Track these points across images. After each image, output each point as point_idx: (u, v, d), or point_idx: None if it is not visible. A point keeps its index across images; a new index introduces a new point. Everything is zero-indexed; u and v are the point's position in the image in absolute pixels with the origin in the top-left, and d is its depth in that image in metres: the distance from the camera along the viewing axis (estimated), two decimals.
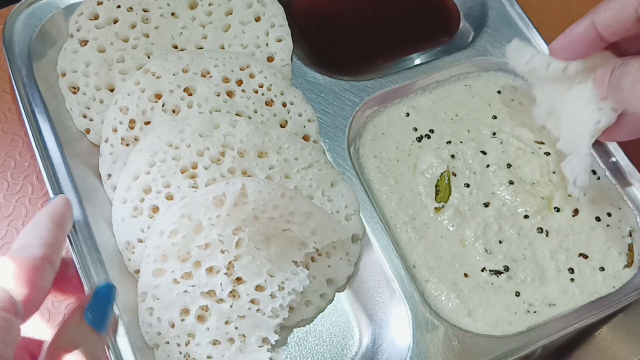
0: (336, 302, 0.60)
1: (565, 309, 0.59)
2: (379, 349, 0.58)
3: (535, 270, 0.60)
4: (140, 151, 0.60)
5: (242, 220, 0.55)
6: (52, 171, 0.60)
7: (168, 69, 0.64)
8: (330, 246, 0.60)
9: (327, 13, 0.77)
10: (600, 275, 0.60)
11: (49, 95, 0.65)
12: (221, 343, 0.54)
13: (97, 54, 0.66)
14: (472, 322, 0.57)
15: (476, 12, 0.77)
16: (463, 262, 0.60)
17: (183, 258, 0.55)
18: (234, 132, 0.61)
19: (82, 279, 0.54)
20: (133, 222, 0.58)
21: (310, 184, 0.61)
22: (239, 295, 0.55)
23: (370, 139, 0.67)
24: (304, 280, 0.57)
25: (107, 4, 0.69)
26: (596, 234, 0.62)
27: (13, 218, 0.64)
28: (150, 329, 0.54)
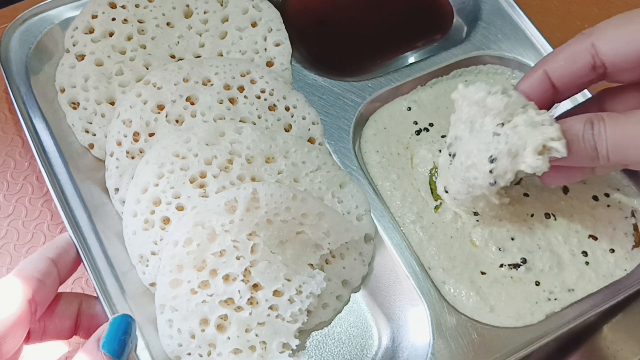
0: (353, 303, 0.60)
1: (583, 294, 0.59)
2: (399, 348, 0.58)
3: (552, 257, 0.60)
4: (147, 163, 0.59)
5: (256, 224, 0.55)
6: (60, 189, 0.60)
7: (169, 79, 0.64)
8: (344, 247, 0.60)
9: (322, 15, 0.77)
10: (612, 257, 0.61)
11: (50, 112, 0.65)
12: (242, 351, 0.54)
13: (95, 67, 0.66)
14: (495, 317, 0.57)
15: (469, 6, 0.77)
16: (478, 262, 0.61)
17: (199, 267, 0.54)
18: (240, 139, 0.61)
19: (99, 297, 0.54)
20: (145, 235, 0.58)
21: (320, 187, 0.61)
22: (257, 302, 0.55)
23: (372, 134, 0.68)
24: (320, 283, 0.57)
25: (101, 17, 0.68)
26: (598, 213, 0.63)
27: (13, 218, 0.63)
28: (171, 341, 0.54)
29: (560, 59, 0.52)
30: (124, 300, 0.56)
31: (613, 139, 0.47)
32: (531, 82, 0.53)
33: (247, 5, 0.71)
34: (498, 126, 0.51)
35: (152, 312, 0.56)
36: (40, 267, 0.50)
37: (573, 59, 0.51)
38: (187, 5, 0.71)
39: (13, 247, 0.62)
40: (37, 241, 0.62)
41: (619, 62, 0.50)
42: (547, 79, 0.52)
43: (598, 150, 0.48)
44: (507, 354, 0.56)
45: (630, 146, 0.47)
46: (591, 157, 0.49)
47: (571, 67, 0.51)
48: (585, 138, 0.48)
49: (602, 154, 0.48)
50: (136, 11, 0.69)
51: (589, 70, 0.51)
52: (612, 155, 0.48)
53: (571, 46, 0.52)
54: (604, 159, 0.48)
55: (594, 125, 0.48)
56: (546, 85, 0.53)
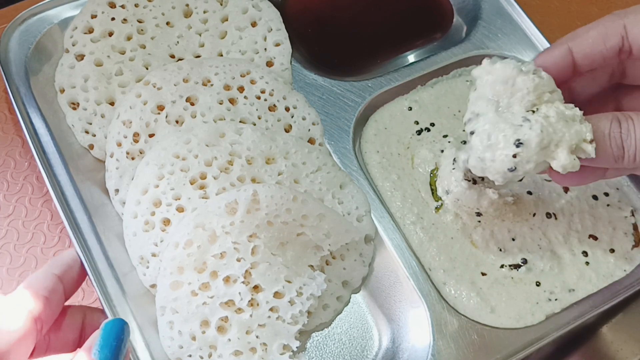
0: (353, 304, 0.60)
1: (583, 294, 0.59)
2: (399, 349, 0.58)
3: (552, 257, 0.61)
4: (147, 164, 0.59)
5: (256, 226, 0.55)
6: (60, 190, 0.60)
7: (168, 79, 0.64)
8: (344, 248, 0.60)
9: (321, 15, 0.77)
10: (612, 257, 0.61)
11: (49, 112, 0.64)
12: (243, 353, 0.54)
13: (95, 68, 0.66)
14: (496, 317, 0.58)
15: (469, 5, 0.77)
16: (479, 262, 0.61)
17: (199, 269, 0.54)
18: (240, 139, 0.60)
19: (100, 298, 0.54)
20: (145, 237, 0.58)
21: (320, 188, 0.61)
22: (258, 304, 0.55)
23: (372, 135, 0.68)
24: (321, 285, 0.57)
25: (101, 17, 0.68)
26: (598, 213, 0.63)
27: (13, 218, 0.63)
28: (172, 343, 0.54)
29: (589, 37, 0.49)
30: (125, 301, 0.56)
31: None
32: (554, 57, 0.51)
33: (247, 5, 0.71)
34: (529, 112, 0.49)
35: (153, 313, 0.56)
36: (46, 284, 0.49)
37: (603, 39, 0.49)
38: (186, 4, 0.70)
39: (13, 247, 0.62)
40: (37, 241, 0.62)
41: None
42: (570, 56, 0.50)
43: (625, 149, 0.47)
44: (507, 354, 0.56)
45: None
46: (616, 157, 0.47)
47: (599, 46, 0.49)
48: (613, 137, 0.47)
49: (629, 154, 0.47)
50: (135, 11, 0.69)
51: (615, 53, 0.49)
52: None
53: (603, 24, 0.49)
54: (630, 159, 0.47)
55: (622, 124, 0.47)
56: (568, 63, 0.50)
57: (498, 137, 0.48)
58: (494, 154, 0.49)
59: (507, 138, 0.48)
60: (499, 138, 0.48)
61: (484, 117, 0.50)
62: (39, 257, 0.61)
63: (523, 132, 0.48)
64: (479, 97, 0.52)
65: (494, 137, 0.49)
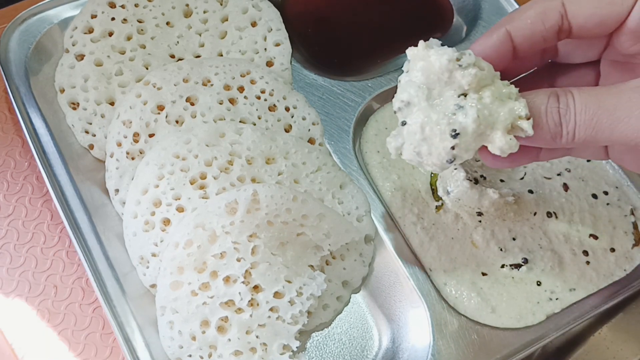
0: (353, 304, 0.60)
1: (584, 293, 0.60)
2: (399, 349, 0.58)
3: (553, 257, 0.61)
4: (147, 164, 0.59)
5: (256, 226, 0.55)
6: (60, 190, 0.60)
7: (168, 79, 0.64)
8: (344, 248, 0.60)
9: (321, 15, 0.77)
10: (612, 256, 0.61)
11: (49, 112, 0.64)
12: (243, 353, 0.54)
13: (95, 68, 0.66)
14: (497, 317, 0.58)
15: (469, 5, 0.77)
16: (479, 263, 0.61)
17: (199, 269, 0.54)
18: (240, 139, 0.60)
19: (100, 298, 0.54)
20: (145, 237, 0.58)
21: (320, 188, 0.61)
22: (258, 304, 0.55)
23: (373, 135, 0.68)
24: (321, 285, 0.57)
25: (101, 17, 0.68)
26: (598, 212, 0.63)
27: (13, 218, 0.63)
28: (172, 343, 0.54)
29: (527, 18, 0.46)
30: (125, 301, 0.56)
31: (585, 113, 0.43)
32: (492, 41, 0.47)
33: (247, 5, 0.71)
34: (460, 97, 0.44)
35: (153, 313, 0.56)
36: None
37: (542, 19, 0.46)
38: (186, 4, 0.70)
39: (13, 247, 0.62)
40: (37, 241, 0.62)
41: (587, 26, 0.46)
42: (509, 40, 0.47)
43: (563, 126, 0.43)
44: (507, 355, 0.56)
45: (608, 120, 0.42)
46: (553, 134, 0.44)
47: (539, 27, 0.46)
48: (549, 112, 0.44)
49: (568, 131, 0.43)
50: (135, 11, 0.69)
51: (555, 34, 0.46)
52: (580, 132, 0.43)
53: (540, 3, 0.46)
54: (568, 136, 0.44)
55: (560, 99, 0.44)
56: (507, 47, 0.47)
57: (433, 129, 0.45)
58: (430, 147, 0.46)
59: (442, 130, 0.44)
60: (434, 131, 0.45)
61: (415, 107, 0.46)
62: (39, 257, 0.61)
63: (458, 120, 0.44)
64: (410, 82, 0.47)
65: (429, 129, 0.45)
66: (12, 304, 0.59)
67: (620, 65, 0.50)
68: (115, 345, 0.57)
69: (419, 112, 0.45)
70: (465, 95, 0.44)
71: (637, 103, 0.42)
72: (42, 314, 0.59)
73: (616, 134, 0.42)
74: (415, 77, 0.46)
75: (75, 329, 0.58)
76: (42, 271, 0.60)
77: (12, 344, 0.57)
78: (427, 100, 0.45)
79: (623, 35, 0.46)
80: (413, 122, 0.46)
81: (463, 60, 0.44)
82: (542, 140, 0.45)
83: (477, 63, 0.44)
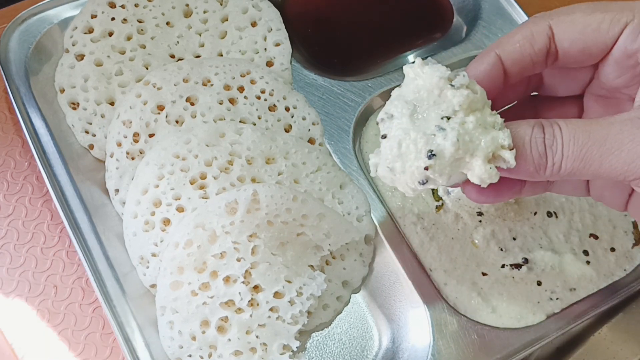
0: (353, 304, 0.60)
1: (584, 293, 0.60)
2: (399, 349, 0.58)
3: (553, 257, 0.61)
4: (147, 164, 0.59)
5: (256, 226, 0.55)
6: (60, 190, 0.60)
7: (168, 79, 0.64)
8: (344, 248, 0.60)
9: (321, 15, 0.77)
10: (613, 256, 0.61)
11: (49, 112, 0.64)
12: (243, 353, 0.54)
13: (95, 68, 0.66)
14: (497, 317, 0.58)
15: (469, 5, 0.77)
16: (480, 263, 0.61)
17: (199, 269, 0.54)
18: (240, 139, 0.60)
19: (100, 298, 0.54)
20: (145, 237, 0.58)
21: (320, 188, 0.61)
22: (258, 304, 0.55)
23: (373, 135, 0.68)
24: (321, 285, 0.57)
25: (101, 17, 0.68)
26: (598, 211, 0.63)
27: (13, 218, 0.63)
28: (172, 343, 0.54)
29: (516, 41, 0.46)
30: (125, 301, 0.56)
31: (573, 144, 0.41)
32: (483, 66, 0.46)
33: (247, 5, 0.71)
34: (443, 119, 0.43)
35: (153, 313, 0.56)
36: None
37: (530, 42, 0.45)
38: (186, 4, 0.70)
39: (13, 247, 0.62)
40: (37, 241, 0.62)
41: (572, 52, 0.46)
42: (499, 63, 0.46)
43: (548, 157, 0.42)
44: (507, 355, 0.56)
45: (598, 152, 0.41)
46: (537, 166, 0.43)
47: (527, 50, 0.46)
48: (534, 144, 0.42)
49: (554, 162, 0.42)
50: (135, 11, 0.69)
51: (544, 57, 0.46)
52: (567, 164, 0.42)
53: (528, 27, 0.46)
54: (554, 168, 0.42)
55: (546, 129, 0.42)
56: (498, 71, 0.46)
57: (409, 147, 0.43)
58: (404, 165, 0.43)
59: (418, 149, 0.42)
60: (410, 148, 0.43)
61: (397, 120, 0.44)
62: (39, 257, 0.61)
63: (436, 142, 0.42)
64: (399, 96, 0.46)
65: (405, 146, 0.43)
66: (12, 304, 0.59)
67: (604, 100, 0.50)
68: (115, 345, 0.57)
69: (399, 126, 0.44)
70: (449, 118, 0.43)
71: (629, 135, 0.40)
72: (42, 314, 0.59)
73: (605, 166, 0.41)
74: (406, 92, 0.45)
75: (75, 329, 0.58)
76: (42, 271, 0.60)
77: (12, 344, 0.57)
78: (410, 116, 0.44)
79: (608, 66, 0.46)
80: (392, 135, 0.44)
81: (456, 81, 0.43)
82: (525, 172, 0.43)
83: (470, 85, 0.43)
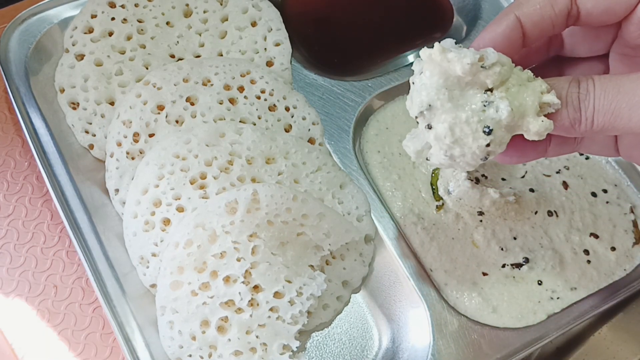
0: (353, 304, 0.60)
1: (585, 292, 0.60)
2: (399, 348, 0.58)
3: (554, 256, 0.61)
4: (147, 164, 0.59)
5: (257, 225, 0.55)
6: (60, 190, 0.60)
7: (168, 79, 0.64)
8: (344, 248, 0.60)
9: (321, 15, 0.77)
10: (613, 255, 0.62)
11: (49, 112, 0.64)
12: (243, 353, 0.54)
13: (95, 67, 0.66)
14: (498, 317, 0.58)
15: (469, 5, 0.77)
16: (480, 263, 0.61)
17: (199, 269, 0.54)
18: (240, 139, 0.60)
19: (100, 298, 0.54)
20: (146, 237, 0.58)
21: (320, 187, 0.61)
22: (258, 304, 0.55)
23: (373, 135, 0.68)
24: (321, 285, 0.57)
25: (101, 17, 0.68)
26: (598, 210, 0.64)
27: (13, 218, 0.63)
28: (172, 343, 0.54)
29: (536, 2, 0.45)
30: (125, 301, 0.56)
31: (604, 97, 0.41)
32: (501, 29, 0.45)
33: (247, 5, 0.71)
34: (487, 93, 0.42)
35: (153, 313, 0.56)
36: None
37: (551, 2, 0.44)
38: (186, 4, 0.70)
39: (13, 247, 0.62)
40: (37, 241, 0.62)
41: (595, 11, 0.45)
42: (518, 26, 0.45)
43: (582, 112, 0.42)
44: (507, 354, 0.56)
45: (627, 105, 0.41)
46: (572, 120, 0.42)
47: (548, 11, 0.44)
48: (569, 98, 0.42)
49: (587, 116, 0.42)
50: (135, 11, 0.69)
51: (564, 19, 0.45)
52: (599, 118, 0.42)
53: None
54: (587, 122, 0.42)
55: (581, 84, 0.42)
56: (517, 34, 0.45)
57: (464, 130, 0.43)
58: (462, 149, 0.43)
59: (474, 129, 0.42)
60: (465, 130, 0.42)
61: (440, 109, 0.43)
62: (39, 257, 0.61)
63: (490, 116, 0.42)
64: (425, 85, 0.44)
65: (459, 130, 0.43)
66: (12, 304, 0.59)
67: (630, 60, 0.49)
68: (115, 345, 0.57)
69: (444, 114, 0.43)
70: (491, 90, 0.43)
71: None
72: (42, 314, 0.59)
73: (635, 119, 0.41)
74: (431, 81, 0.44)
75: (75, 329, 0.58)
76: (42, 271, 0.60)
77: (12, 344, 0.57)
78: (450, 102, 0.43)
79: (632, 25, 0.45)
80: (440, 125, 0.43)
81: (487, 62, 0.42)
82: (561, 127, 0.43)
83: (499, 60, 0.42)
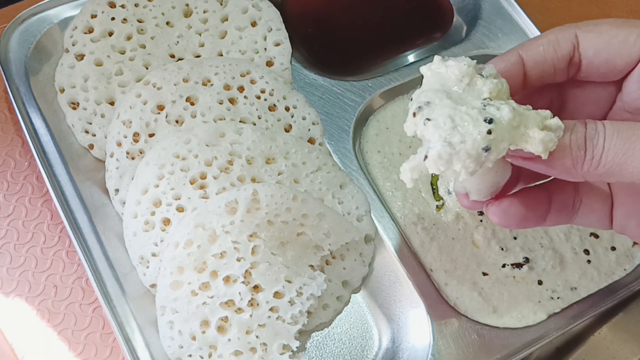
0: (353, 304, 0.60)
1: (585, 292, 0.60)
2: (399, 348, 0.58)
3: (554, 256, 0.61)
4: (147, 164, 0.59)
5: (257, 225, 0.55)
6: (60, 190, 0.60)
7: (168, 79, 0.64)
8: (344, 248, 0.60)
9: (321, 15, 0.77)
10: (613, 255, 0.61)
11: (49, 112, 0.64)
12: (243, 353, 0.54)
13: (95, 67, 0.66)
14: (498, 317, 0.58)
15: (469, 5, 0.77)
16: (480, 263, 0.61)
17: (199, 269, 0.54)
18: (240, 139, 0.60)
19: (100, 298, 0.54)
20: (146, 237, 0.58)
21: (320, 187, 0.61)
22: (258, 304, 0.55)
23: (373, 135, 0.68)
24: (321, 285, 0.57)
25: (101, 17, 0.68)
26: None
27: (13, 218, 0.63)
28: (172, 343, 0.54)
29: (540, 44, 0.46)
30: (125, 301, 0.56)
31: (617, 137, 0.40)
32: (504, 63, 0.46)
33: (247, 5, 0.71)
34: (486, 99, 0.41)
35: (153, 313, 0.56)
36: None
37: (555, 46, 0.45)
38: (186, 4, 0.70)
39: (13, 247, 0.62)
40: (37, 241, 0.62)
41: (596, 62, 0.45)
42: (520, 63, 0.46)
43: (587, 150, 0.40)
44: (507, 354, 0.56)
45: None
46: (575, 158, 0.41)
47: (550, 54, 0.46)
48: (573, 136, 0.41)
49: (593, 155, 0.40)
50: (135, 10, 0.69)
51: (566, 64, 0.46)
52: (607, 156, 0.40)
53: (554, 33, 0.46)
54: (592, 162, 0.41)
55: (588, 125, 0.41)
56: (518, 70, 0.46)
57: (463, 116, 0.40)
58: (463, 135, 0.40)
59: (474, 117, 0.40)
60: (465, 118, 0.40)
61: (438, 103, 0.42)
62: (39, 257, 0.61)
63: (491, 112, 0.40)
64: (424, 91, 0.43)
65: (459, 118, 0.40)
66: (12, 304, 0.59)
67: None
68: (115, 345, 0.57)
69: (442, 105, 0.41)
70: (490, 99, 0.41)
71: None
72: (42, 314, 0.59)
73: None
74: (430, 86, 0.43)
75: (75, 329, 0.58)
76: (42, 271, 0.60)
77: (12, 344, 0.57)
78: (448, 98, 0.42)
79: (633, 83, 0.45)
80: (439, 115, 0.41)
81: (486, 71, 0.43)
82: (561, 166, 0.41)
83: (497, 77, 0.43)
